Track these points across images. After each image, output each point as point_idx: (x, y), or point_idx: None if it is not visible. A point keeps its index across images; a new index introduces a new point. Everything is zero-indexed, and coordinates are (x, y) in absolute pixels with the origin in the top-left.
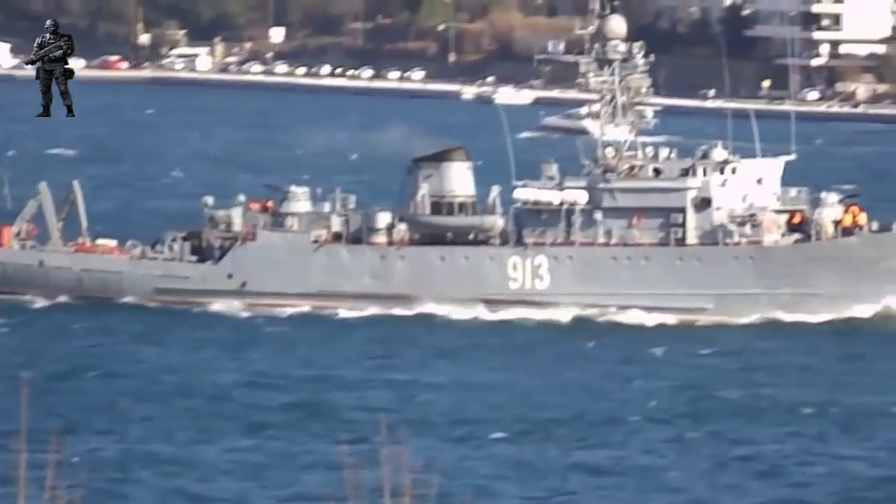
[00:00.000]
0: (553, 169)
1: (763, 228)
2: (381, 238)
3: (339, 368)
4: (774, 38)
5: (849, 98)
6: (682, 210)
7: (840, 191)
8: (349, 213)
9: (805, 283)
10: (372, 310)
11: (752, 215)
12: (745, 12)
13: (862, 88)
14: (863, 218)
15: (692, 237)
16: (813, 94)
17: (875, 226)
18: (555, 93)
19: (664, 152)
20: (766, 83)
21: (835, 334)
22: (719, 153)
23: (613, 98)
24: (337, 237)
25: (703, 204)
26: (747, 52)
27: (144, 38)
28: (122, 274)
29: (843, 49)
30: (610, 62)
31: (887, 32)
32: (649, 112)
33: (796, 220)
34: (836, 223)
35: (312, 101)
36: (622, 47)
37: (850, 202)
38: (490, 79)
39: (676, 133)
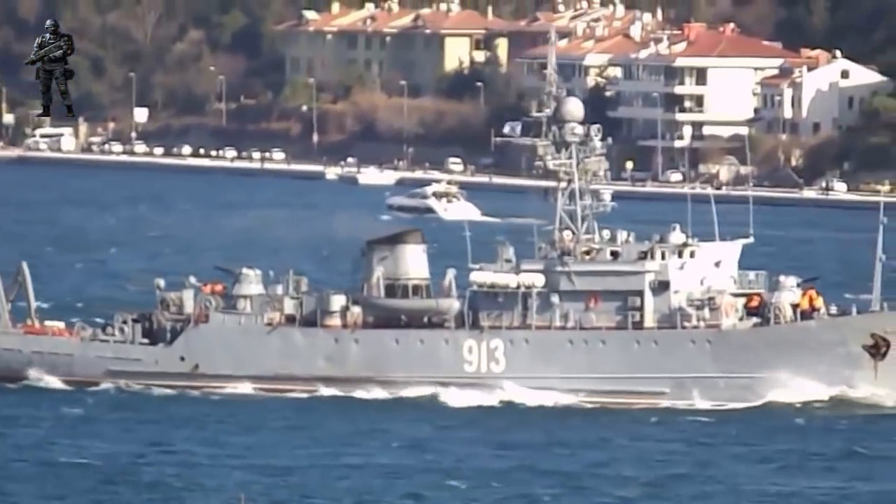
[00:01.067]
0: (510, 252)
1: (721, 312)
2: (336, 321)
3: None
4: (637, 119)
5: (711, 179)
6: (640, 293)
7: (798, 275)
8: (302, 295)
9: (763, 367)
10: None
11: (711, 298)
12: (608, 94)
13: (724, 170)
14: (820, 302)
15: (650, 320)
16: (676, 176)
17: (833, 309)
18: (418, 173)
19: (622, 235)
20: (630, 165)
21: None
22: (677, 236)
23: (571, 181)
24: (290, 319)
25: (661, 287)
26: (610, 133)
27: (8, 118)
28: (73, 357)
29: (706, 130)
30: (567, 145)
31: (749, 114)
32: (607, 195)
33: (754, 303)
34: (795, 307)
35: (175, 180)
36: (579, 130)
37: (807, 286)
38: (351, 159)
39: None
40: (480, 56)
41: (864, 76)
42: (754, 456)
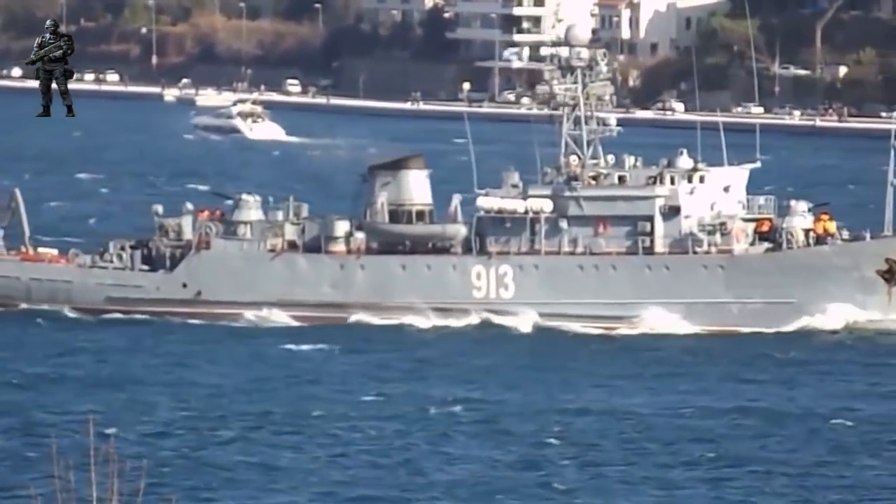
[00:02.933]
0: (515, 177)
1: (732, 237)
2: (340, 247)
3: None
4: (475, 40)
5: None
6: (650, 218)
7: (809, 199)
8: (303, 221)
9: (777, 293)
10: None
11: (722, 224)
12: (447, 15)
13: None
14: (832, 226)
15: (660, 246)
16: (513, 97)
17: (846, 234)
18: (255, 95)
19: (629, 160)
20: (466, 85)
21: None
22: (685, 161)
23: (576, 106)
24: (292, 246)
25: (672, 212)
26: (448, 54)
27: None
28: (71, 283)
29: (543, 52)
30: (573, 70)
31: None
32: (612, 119)
33: (764, 228)
34: (807, 232)
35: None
36: (585, 54)
37: (819, 210)
38: (186, 80)
39: (392, 137)
40: None
41: None
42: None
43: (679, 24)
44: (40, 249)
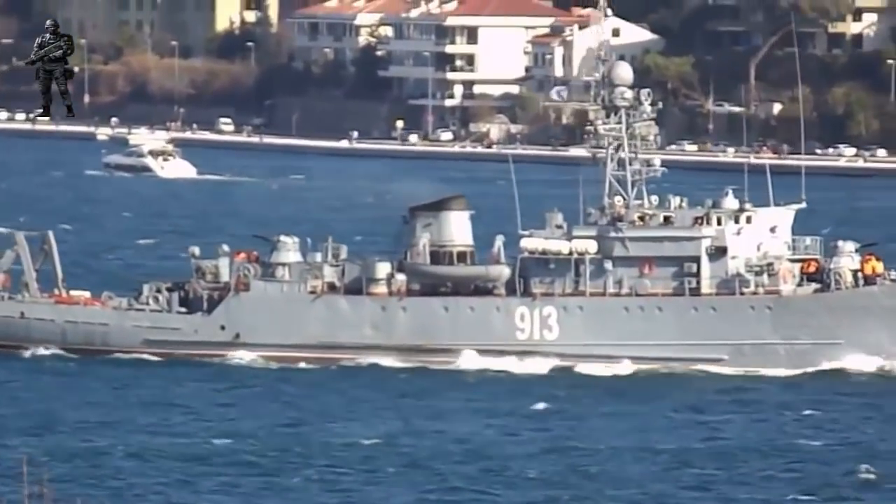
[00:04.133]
0: (559, 217)
1: (779, 277)
2: (382, 288)
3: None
4: (408, 78)
5: (482, 138)
6: (697, 259)
7: (856, 240)
8: (343, 262)
9: (825, 334)
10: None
11: (769, 264)
12: (379, 53)
13: (495, 129)
14: (880, 267)
15: (707, 287)
16: (447, 135)
17: (894, 275)
18: (188, 134)
19: (674, 201)
20: (400, 123)
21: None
22: (731, 201)
23: (620, 146)
24: (331, 287)
25: (718, 253)
26: (381, 92)
27: None
28: (108, 326)
29: (476, 89)
30: (617, 109)
31: (520, 73)
32: (657, 160)
33: (811, 269)
34: (855, 272)
35: None
36: (629, 94)
37: (867, 251)
38: (115, 119)
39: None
40: (251, 16)
41: (636, 34)
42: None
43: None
44: (73, 292)
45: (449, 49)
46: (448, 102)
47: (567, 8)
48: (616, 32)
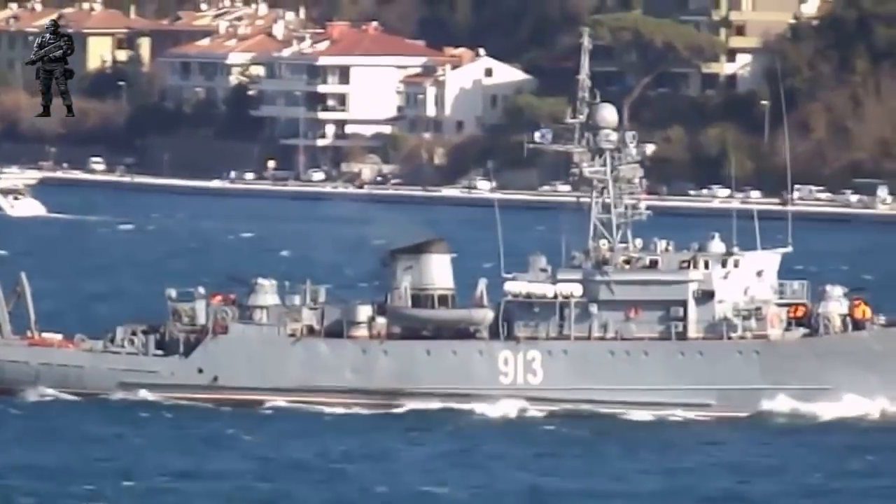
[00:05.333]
0: (543, 261)
1: (767, 322)
2: (362, 331)
3: None
4: (280, 118)
5: (354, 178)
6: (684, 303)
7: (845, 284)
8: (322, 305)
9: (814, 379)
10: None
11: (758, 309)
12: (251, 93)
13: (367, 169)
14: (868, 312)
15: (693, 331)
16: (318, 175)
17: (882, 320)
18: (59, 173)
19: (660, 244)
20: (272, 163)
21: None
22: (718, 245)
23: (605, 189)
24: (310, 330)
25: (705, 297)
26: (253, 132)
27: None
28: (83, 368)
29: (349, 129)
30: (601, 152)
31: (393, 112)
32: (643, 204)
33: (798, 313)
34: (844, 317)
35: None
36: (614, 136)
37: (855, 296)
38: None
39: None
40: (123, 55)
41: (508, 74)
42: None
43: (485, 102)
44: (44, 334)
45: (321, 89)
46: (320, 142)
47: (440, 48)
48: (489, 72)
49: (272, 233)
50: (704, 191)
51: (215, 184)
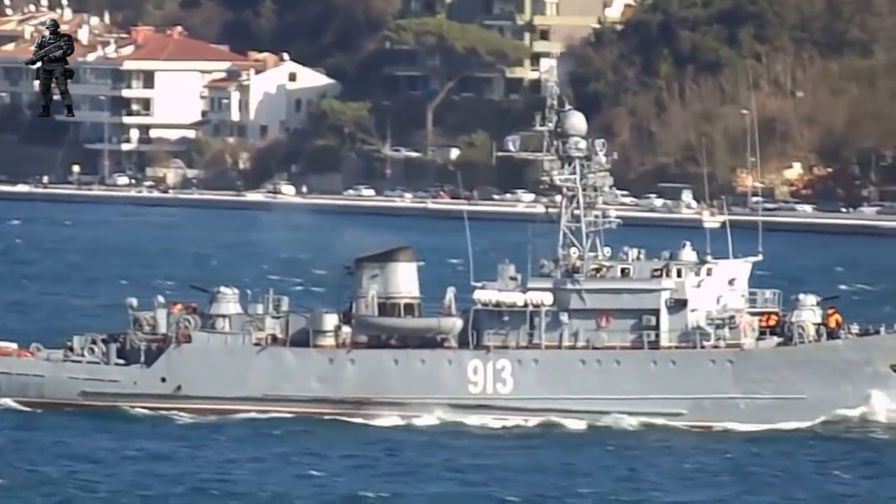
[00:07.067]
0: (512, 269)
1: (740, 331)
2: (329, 340)
3: None
4: (84, 122)
5: (159, 183)
6: (656, 311)
7: (818, 293)
8: (286, 314)
9: (787, 388)
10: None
11: (731, 317)
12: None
13: (171, 173)
14: (840, 320)
15: (666, 340)
16: (123, 179)
17: (855, 328)
18: None
19: (632, 252)
20: (76, 168)
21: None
22: (689, 253)
23: (574, 196)
24: (273, 339)
25: (678, 305)
26: (58, 137)
27: None
28: (43, 378)
29: (153, 133)
30: (571, 159)
31: (197, 117)
32: (612, 211)
33: (770, 322)
34: (818, 326)
35: None
36: (583, 144)
37: (829, 304)
38: None
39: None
40: None
41: (312, 79)
42: None
43: (289, 106)
44: (1, 343)
45: (125, 93)
46: (125, 147)
47: (244, 52)
48: (293, 77)
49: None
50: (508, 195)
51: (20, 188)
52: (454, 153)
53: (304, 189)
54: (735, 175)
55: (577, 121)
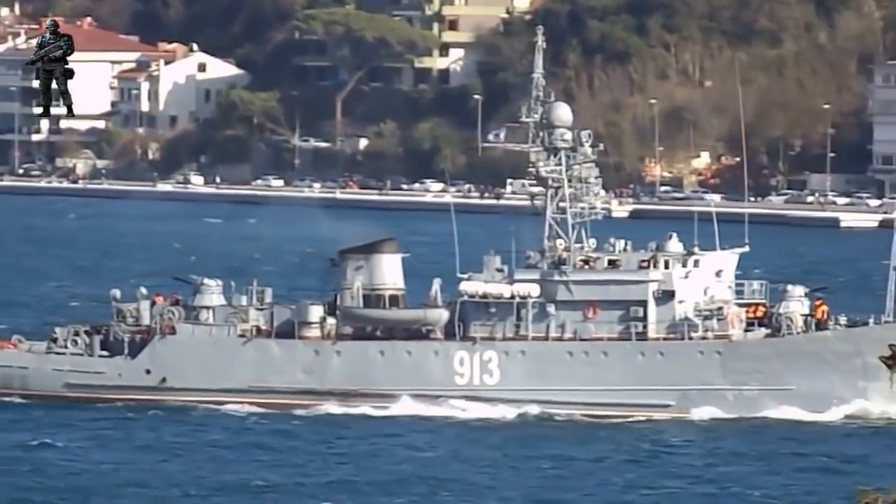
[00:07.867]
0: (497, 261)
1: (728, 322)
2: (314, 332)
3: None
4: None
5: (68, 173)
6: (644, 303)
7: (807, 284)
8: (270, 306)
9: (775, 380)
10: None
11: (719, 308)
12: None
13: (81, 164)
14: (828, 311)
15: (654, 331)
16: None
17: (843, 319)
18: None
19: (619, 244)
20: None
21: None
22: (676, 244)
23: (560, 188)
24: (257, 331)
25: (666, 297)
26: None
27: None
28: (27, 369)
29: (63, 124)
30: (557, 151)
31: (107, 108)
32: (598, 202)
33: (758, 313)
34: (806, 317)
35: None
36: (568, 135)
37: (817, 296)
38: None
39: None
40: None
41: (221, 69)
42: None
43: (199, 97)
44: None
45: (35, 84)
46: (35, 137)
47: (153, 43)
48: (202, 67)
49: None
50: (417, 185)
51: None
52: (363, 143)
53: (217, 179)
54: (643, 165)
55: (562, 112)
